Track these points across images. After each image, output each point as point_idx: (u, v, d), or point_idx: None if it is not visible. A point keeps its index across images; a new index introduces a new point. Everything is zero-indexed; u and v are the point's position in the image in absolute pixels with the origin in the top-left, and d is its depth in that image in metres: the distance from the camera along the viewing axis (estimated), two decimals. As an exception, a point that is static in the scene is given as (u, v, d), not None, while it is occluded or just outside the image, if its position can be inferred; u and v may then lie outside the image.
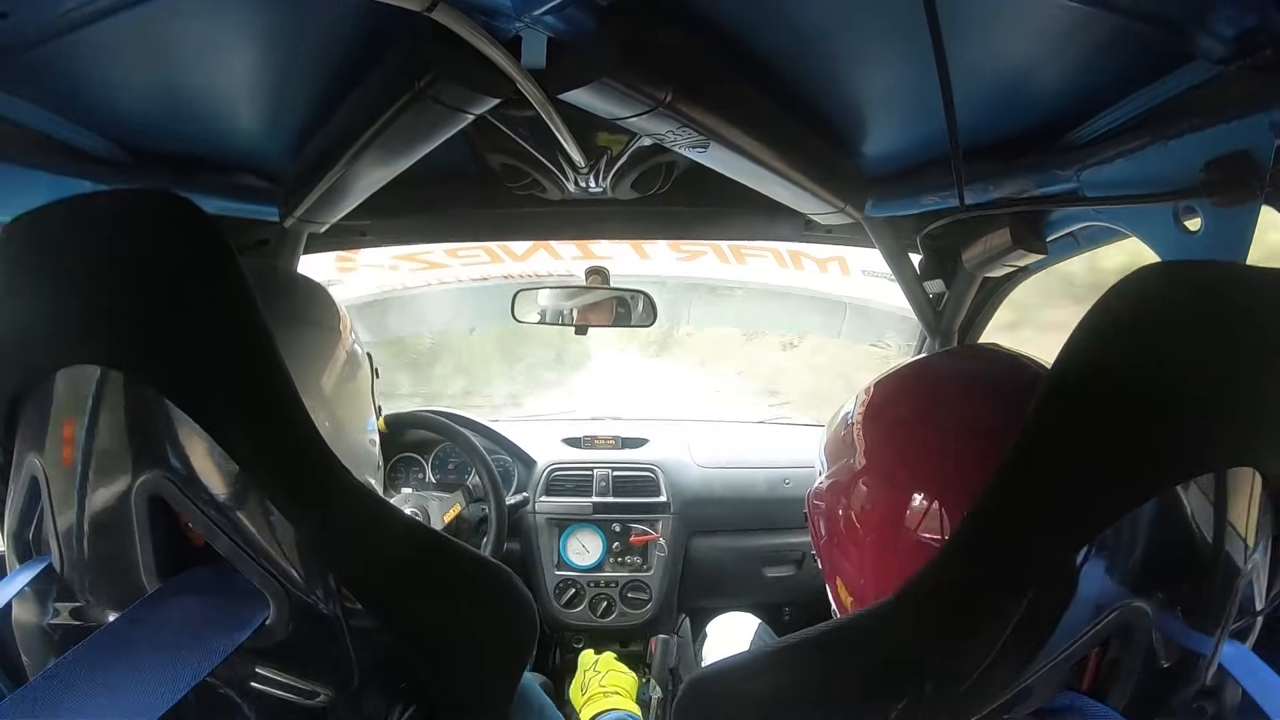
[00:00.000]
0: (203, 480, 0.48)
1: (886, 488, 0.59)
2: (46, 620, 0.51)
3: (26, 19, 0.63)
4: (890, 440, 0.62)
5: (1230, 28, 0.60)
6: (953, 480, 0.55)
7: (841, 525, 0.63)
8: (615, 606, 1.77)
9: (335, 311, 0.65)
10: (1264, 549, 0.50)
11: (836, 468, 0.65)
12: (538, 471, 1.83)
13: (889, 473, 0.60)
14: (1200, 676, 0.49)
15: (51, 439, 0.50)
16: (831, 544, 0.66)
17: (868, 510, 0.60)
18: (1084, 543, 0.45)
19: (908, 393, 0.64)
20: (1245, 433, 0.47)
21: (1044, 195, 0.92)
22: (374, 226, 1.43)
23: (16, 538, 0.53)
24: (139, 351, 0.47)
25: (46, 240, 0.50)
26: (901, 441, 0.61)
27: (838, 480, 0.64)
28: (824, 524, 0.67)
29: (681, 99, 0.76)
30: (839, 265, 1.97)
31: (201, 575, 0.50)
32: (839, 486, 0.64)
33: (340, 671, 0.53)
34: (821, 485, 0.67)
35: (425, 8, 0.59)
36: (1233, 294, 0.48)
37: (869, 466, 0.61)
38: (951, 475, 0.55)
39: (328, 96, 0.89)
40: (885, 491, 0.59)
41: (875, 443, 0.62)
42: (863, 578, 0.61)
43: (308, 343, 0.61)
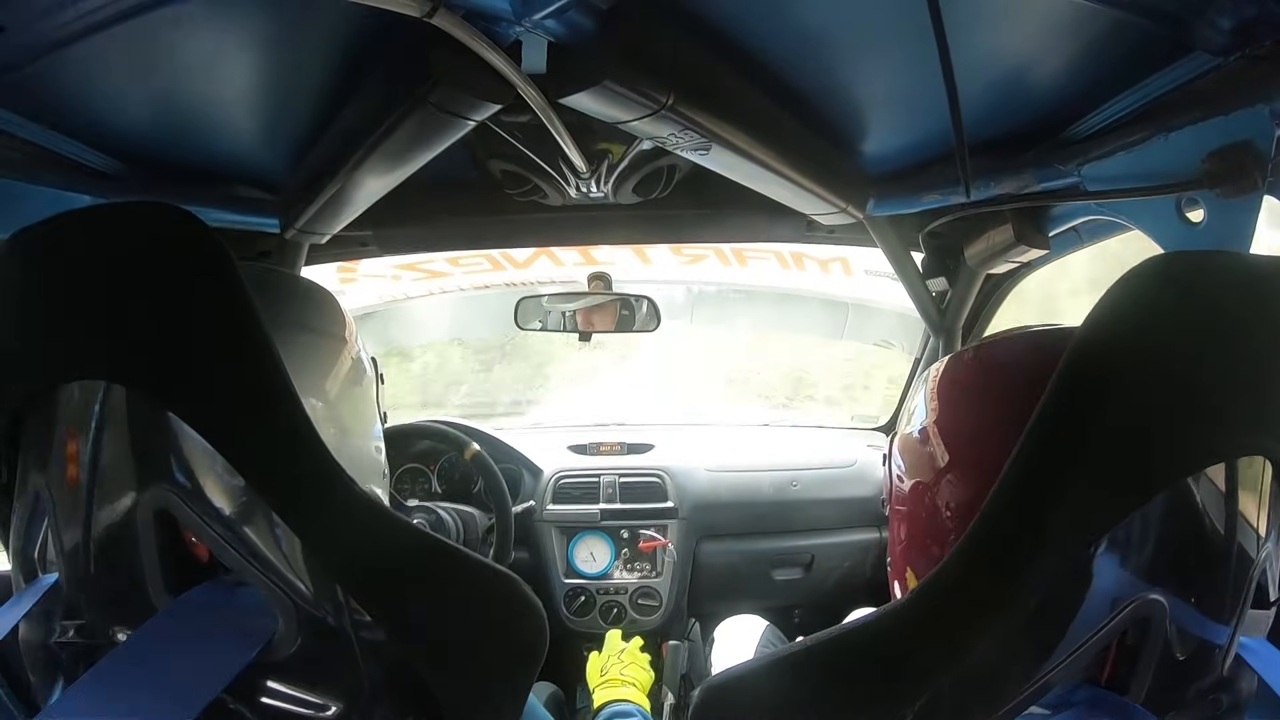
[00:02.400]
0: (208, 495, 0.48)
1: (974, 480, 0.58)
2: (53, 639, 0.50)
3: (24, 33, 0.63)
4: (973, 433, 0.60)
5: (1229, 19, 0.60)
6: None
7: (924, 525, 0.62)
8: (625, 613, 1.76)
9: (340, 318, 0.64)
10: (1276, 538, 0.50)
11: (917, 468, 0.64)
12: (544, 479, 1.83)
13: (975, 464, 0.58)
14: (1216, 667, 0.49)
15: (55, 456, 0.50)
16: (912, 546, 0.64)
17: (955, 505, 0.59)
18: (1097, 537, 0.45)
19: (980, 384, 0.62)
20: (1255, 422, 0.46)
21: (1046, 190, 0.92)
22: (375, 236, 1.43)
23: (21, 555, 0.52)
24: (142, 366, 0.47)
25: (46, 255, 0.50)
26: (984, 433, 0.59)
27: (920, 480, 0.63)
28: (904, 528, 0.65)
29: (683, 102, 0.76)
30: (841, 266, 1.97)
31: (210, 591, 0.50)
32: (922, 487, 0.62)
33: (350, 684, 0.52)
34: (903, 488, 0.66)
35: (425, 14, 0.59)
36: (1238, 283, 0.48)
37: (953, 462, 0.60)
38: None
39: (327, 106, 0.89)
40: (973, 484, 0.58)
41: (956, 437, 0.61)
42: None
43: (312, 349, 0.60)
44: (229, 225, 1.12)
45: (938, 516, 0.61)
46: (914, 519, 0.64)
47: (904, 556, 0.66)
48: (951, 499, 0.59)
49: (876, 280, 1.92)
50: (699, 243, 1.89)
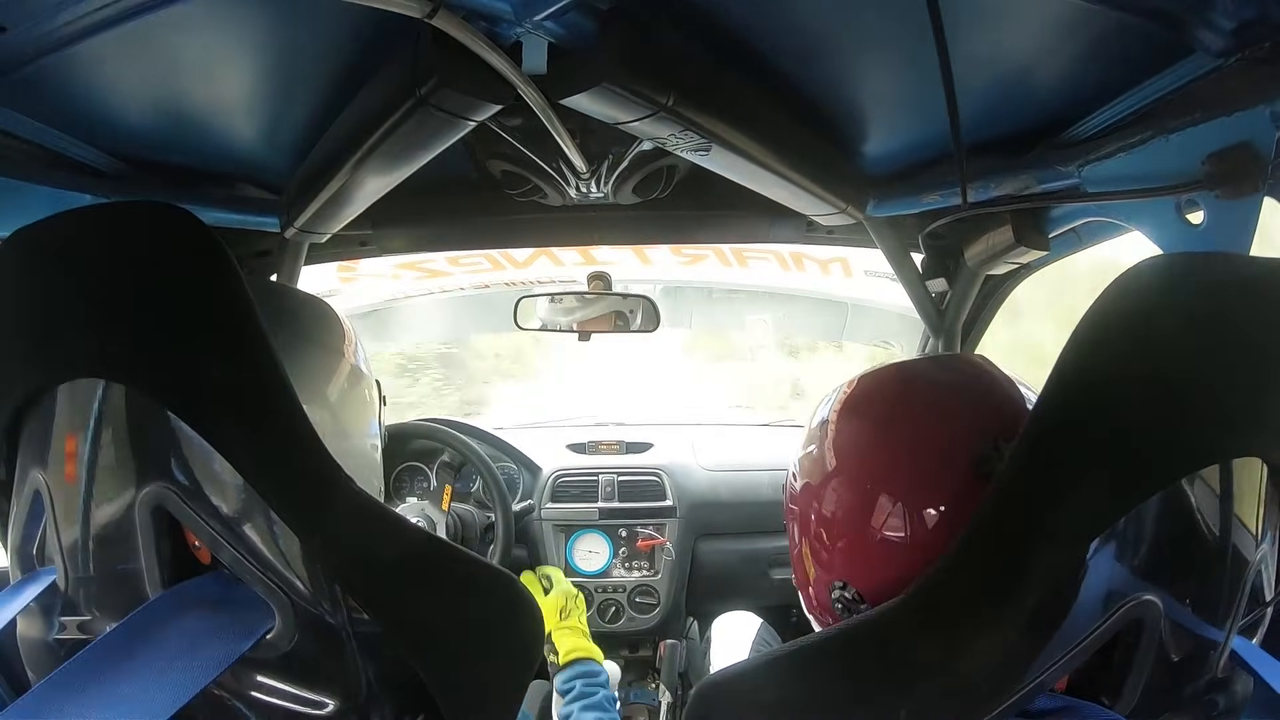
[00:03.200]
0: (206, 492, 0.48)
1: (854, 489, 0.60)
2: (52, 635, 0.51)
3: (25, 32, 0.64)
4: (858, 443, 0.62)
5: (1230, 21, 0.60)
6: (918, 485, 0.57)
7: (813, 529, 0.64)
8: (623, 611, 1.76)
9: (339, 331, 0.65)
10: (1272, 540, 0.50)
11: (810, 469, 0.66)
12: (543, 478, 1.83)
13: (856, 474, 0.61)
14: (1211, 668, 0.49)
15: (54, 454, 0.50)
16: (806, 551, 0.66)
17: (838, 512, 0.61)
18: (1092, 538, 0.45)
19: (879, 397, 0.64)
20: (1251, 423, 0.46)
21: (1046, 191, 0.92)
22: (375, 236, 1.43)
23: (20, 553, 0.53)
24: (141, 365, 0.47)
25: (46, 254, 0.50)
26: (869, 445, 0.62)
27: (810, 482, 0.65)
28: (796, 528, 0.67)
29: (683, 102, 0.76)
30: (841, 266, 1.96)
31: (204, 584, 0.50)
32: (811, 489, 0.64)
33: (347, 682, 0.52)
34: (795, 488, 0.68)
35: (426, 14, 0.59)
36: (1236, 285, 0.49)
37: (839, 468, 0.62)
38: (917, 481, 0.57)
39: (328, 106, 0.89)
40: (853, 493, 0.60)
41: (846, 445, 0.63)
42: (830, 579, 0.62)
43: (310, 362, 0.61)
44: (229, 224, 1.12)
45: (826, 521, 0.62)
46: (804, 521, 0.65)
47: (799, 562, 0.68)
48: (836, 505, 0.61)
49: (876, 281, 1.92)
50: (699, 243, 1.89)
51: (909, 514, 0.56)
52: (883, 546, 0.57)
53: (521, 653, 0.61)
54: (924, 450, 0.58)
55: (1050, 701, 0.49)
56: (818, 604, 0.65)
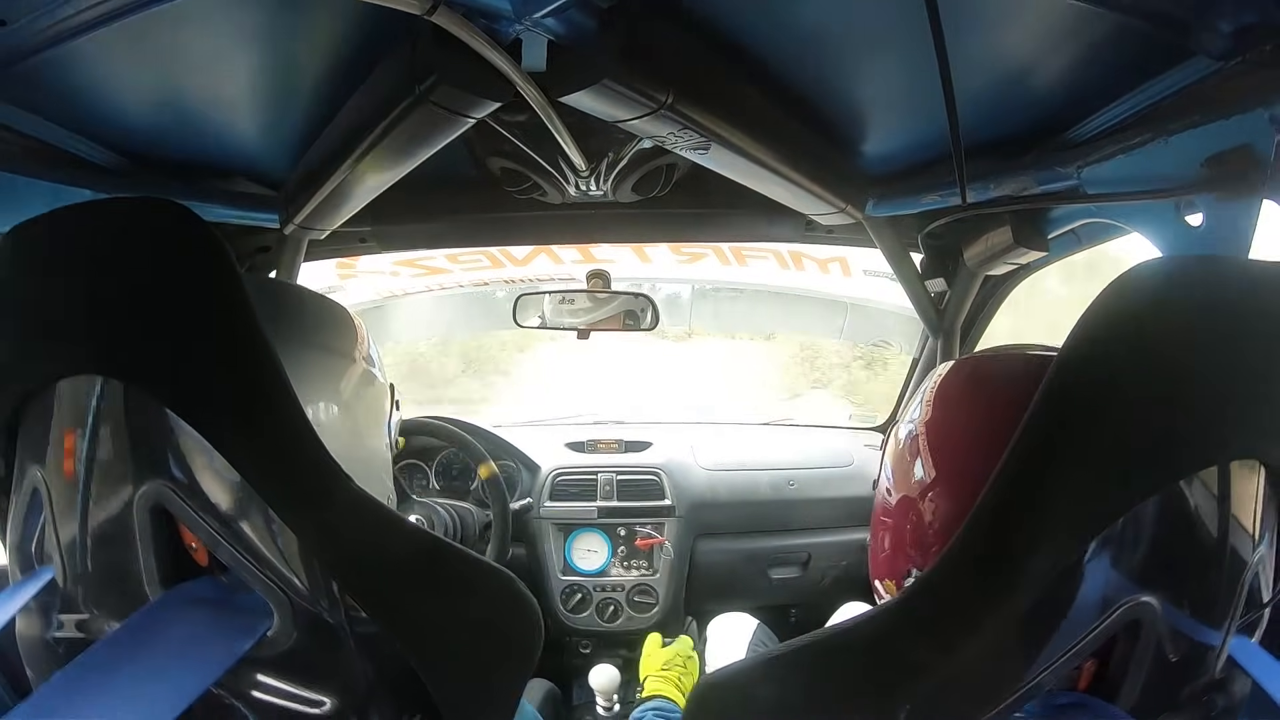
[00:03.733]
0: (205, 490, 0.48)
1: (957, 498, 0.57)
2: (50, 633, 0.50)
3: (25, 27, 0.63)
4: (958, 451, 0.59)
5: (1230, 24, 0.60)
6: None
7: (909, 540, 0.61)
8: (622, 610, 1.76)
9: (351, 335, 0.64)
10: (1270, 541, 0.50)
11: (903, 481, 0.63)
12: (542, 476, 1.83)
13: (958, 483, 0.58)
14: (1209, 669, 0.49)
15: (53, 450, 0.50)
16: (896, 558, 0.64)
17: (937, 523, 0.59)
18: (1089, 539, 0.45)
19: (971, 400, 0.61)
20: (1249, 426, 0.46)
21: (1045, 192, 0.92)
22: (374, 233, 1.43)
23: (19, 550, 0.52)
24: (138, 361, 0.47)
25: (45, 250, 0.50)
26: (969, 452, 0.58)
27: (907, 495, 0.62)
28: (889, 539, 0.65)
29: (682, 101, 0.76)
30: (840, 266, 1.97)
31: (203, 584, 0.50)
32: (908, 501, 0.62)
33: (345, 680, 0.52)
34: (889, 501, 0.65)
35: (426, 11, 0.59)
36: (1234, 287, 0.48)
37: (939, 478, 0.60)
38: None
39: (328, 102, 0.89)
40: (956, 503, 0.57)
41: (943, 454, 0.60)
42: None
43: (317, 365, 0.60)
44: (229, 220, 1.12)
45: (921, 529, 0.60)
46: (898, 531, 0.63)
47: (887, 565, 0.66)
48: (936, 513, 0.59)
49: (875, 280, 1.93)
50: (698, 242, 1.89)
51: None
52: None
53: (520, 651, 0.61)
54: None
55: (1064, 697, 0.49)
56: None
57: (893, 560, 0.65)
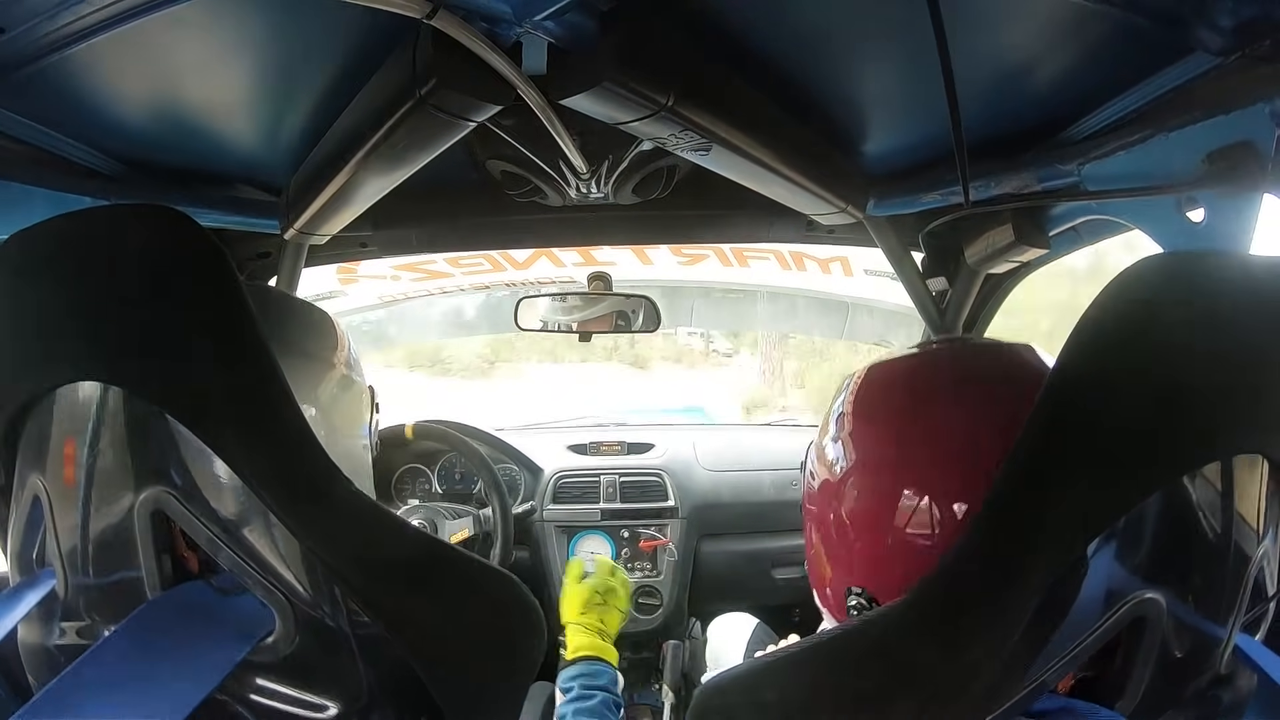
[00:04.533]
0: (205, 495, 0.48)
1: (877, 486, 0.58)
2: (52, 641, 0.51)
3: (25, 34, 0.63)
4: (881, 437, 0.59)
5: (1229, 19, 0.60)
6: (946, 479, 0.54)
7: (833, 529, 0.61)
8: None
9: (331, 339, 0.64)
10: (1274, 536, 0.50)
11: (827, 467, 0.63)
12: (544, 479, 1.83)
13: (879, 470, 0.58)
14: (1214, 665, 0.49)
15: (53, 457, 0.50)
16: (823, 551, 0.64)
17: (858, 510, 0.59)
18: (1093, 536, 0.45)
19: (900, 386, 0.62)
20: (1252, 421, 0.46)
21: (1046, 190, 0.92)
22: (375, 237, 1.43)
23: (20, 558, 0.52)
24: (138, 368, 0.47)
25: (43, 257, 0.50)
26: (893, 437, 0.59)
27: (829, 480, 0.62)
28: (815, 530, 0.64)
29: (683, 102, 0.76)
30: (841, 265, 1.97)
31: (196, 588, 0.50)
32: (830, 488, 0.62)
33: (348, 685, 0.52)
34: (812, 484, 0.65)
35: (426, 14, 0.59)
36: (1236, 283, 0.48)
37: (859, 463, 0.60)
38: (944, 474, 0.54)
39: (327, 107, 0.89)
40: (876, 491, 0.58)
41: (866, 440, 0.60)
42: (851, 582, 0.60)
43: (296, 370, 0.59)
44: (229, 226, 1.12)
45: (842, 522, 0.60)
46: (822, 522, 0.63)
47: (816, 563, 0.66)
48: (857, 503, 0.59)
49: (876, 280, 1.93)
50: (699, 243, 1.89)
51: (936, 512, 0.54)
52: (905, 548, 0.55)
53: (523, 653, 0.61)
54: (955, 443, 0.55)
55: (1050, 702, 0.49)
56: (834, 604, 0.63)
57: (814, 556, 0.65)
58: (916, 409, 0.58)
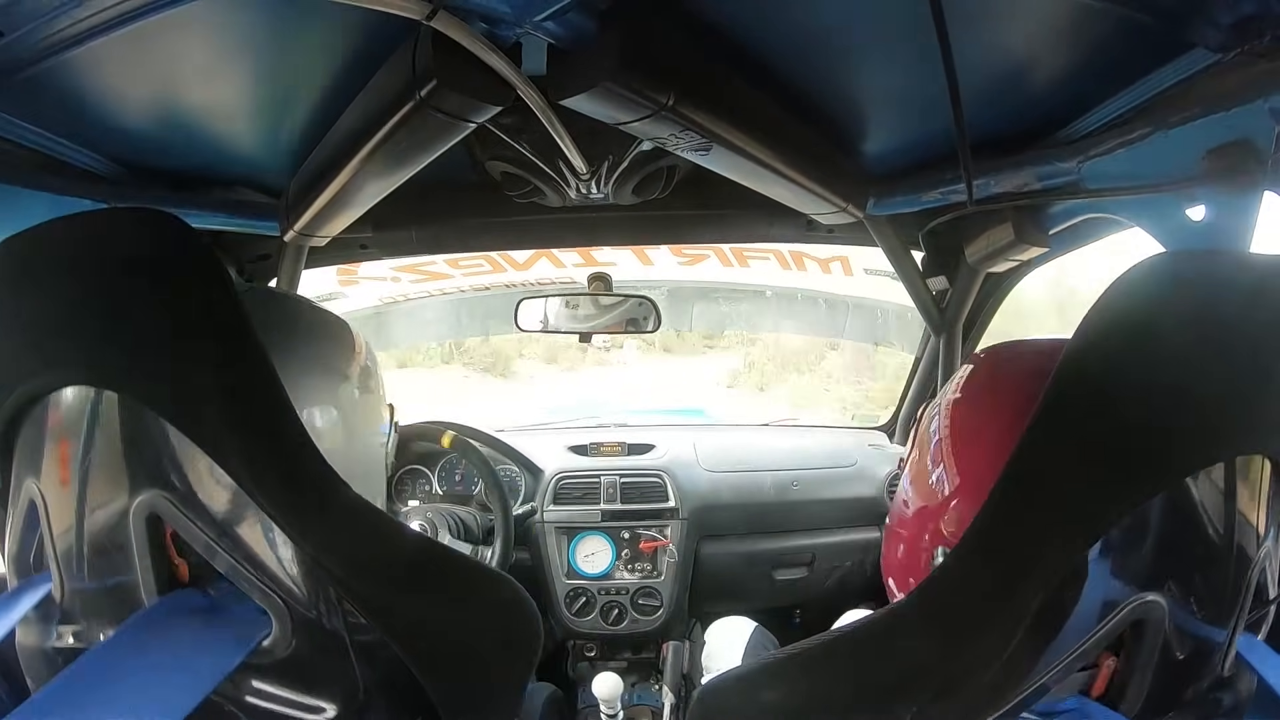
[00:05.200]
0: (201, 498, 0.48)
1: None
2: (50, 643, 0.50)
3: (23, 37, 0.63)
4: (988, 459, 0.56)
5: (1228, 16, 0.60)
6: None
7: (923, 553, 0.59)
8: (626, 613, 1.76)
9: (347, 347, 0.63)
10: (1275, 537, 0.50)
11: (924, 490, 0.61)
12: (545, 480, 1.83)
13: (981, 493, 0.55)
14: (1216, 667, 0.49)
15: (49, 461, 0.50)
16: (910, 570, 0.62)
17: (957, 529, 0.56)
18: (1095, 539, 0.45)
19: (997, 406, 0.58)
20: (1254, 421, 0.46)
21: (1046, 188, 0.92)
22: (375, 239, 1.43)
23: (17, 562, 0.52)
24: (133, 372, 0.47)
25: (38, 261, 0.50)
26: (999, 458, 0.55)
27: (927, 505, 0.60)
28: (903, 549, 0.63)
29: (683, 102, 0.76)
30: (841, 265, 1.97)
31: (192, 594, 0.50)
32: (929, 511, 0.60)
33: (345, 687, 0.52)
34: (906, 513, 0.63)
35: (425, 16, 0.59)
36: (1236, 282, 0.48)
37: (963, 487, 0.57)
38: None
39: (327, 109, 0.89)
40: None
41: (970, 462, 0.57)
42: None
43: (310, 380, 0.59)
44: (228, 228, 1.12)
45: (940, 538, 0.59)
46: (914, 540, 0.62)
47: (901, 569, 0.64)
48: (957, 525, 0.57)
49: (877, 279, 1.93)
50: (699, 243, 1.89)
51: None
52: None
53: (520, 654, 0.61)
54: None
55: (1065, 703, 0.49)
56: None
57: (907, 568, 0.63)
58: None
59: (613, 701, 1.51)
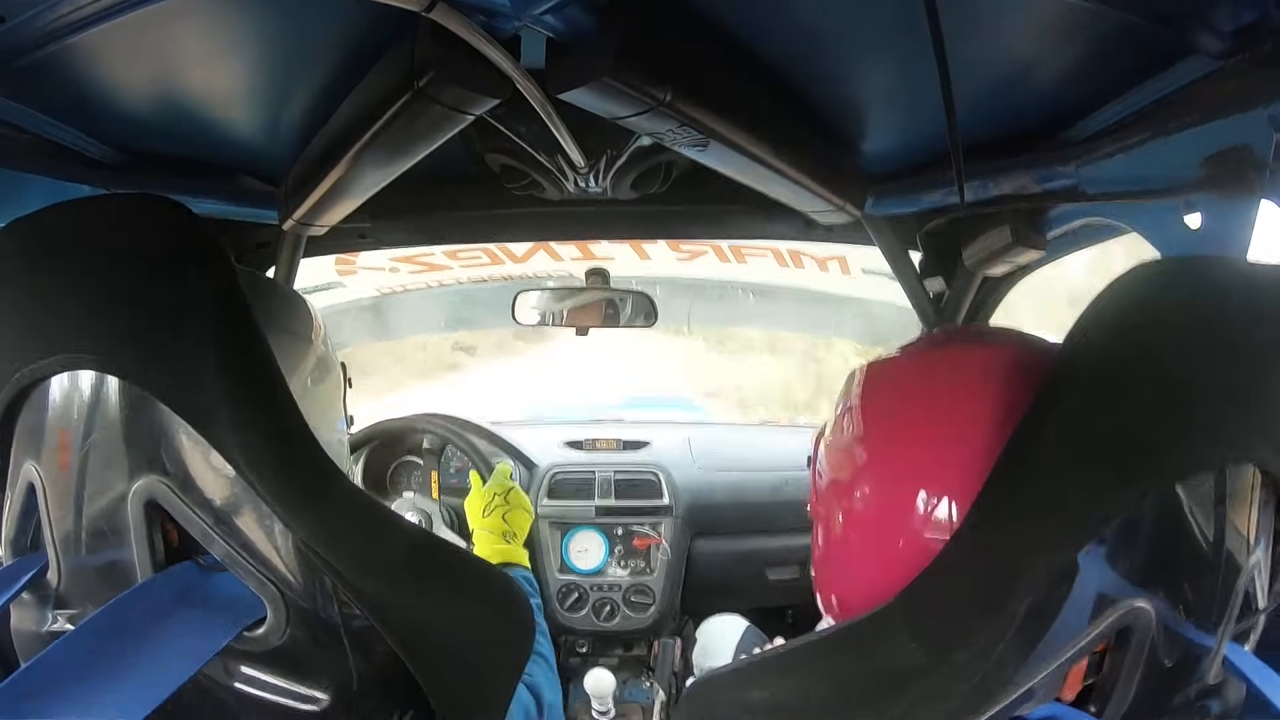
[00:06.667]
0: (199, 484, 0.48)
1: (891, 484, 0.56)
2: (45, 627, 0.51)
3: (24, 23, 0.63)
4: (894, 433, 0.57)
5: (1229, 22, 0.60)
6: (964, 474, 0.51)
7: (839, 529, 0.60)
8: (618, 610, 1.76)
9: (308, 318, 0.64)
10: (1265, 547, 0.50)
11: (835, 465, 0.61)
12: (539, 474, 1.83)
13: (893, 467, 0.56)
14: (1203, 675, 0.49)
15: (48, 445, 0.50)
16: (828, 552, 0.62)
17: (869, 510, 0.57)
18: (1084, 542, 0.45)
19: (911, 378, 0.60)
20: (1246, 429, 0.46)
21: (1044, 192, 0.92)
22: (373, 229, 1.43)
23: (13, 545, 0.52)
24: (133, 356, 0.47)
25: (40, 246, 0.50)
26: (906, 433, 0.56)
27: (838, 479, 0.60)
28: (821, 530, 0.63)
29: (681, 98, 0.76)
30: (839, 264, 1.96)
31: (185, 572, 0.50)
32: (839, 487, 0.60)
33: (339, 676, 0.53)
34: (820, 485, 0.64)
35: (424, 8, 0.59)
36: (1233, 289, 0.48)
37: (870, 462, 0.58)
38: (962, 468, 0.51)
39: (326, 98, 0.89)
40: (889, 488, 0.56)
41: (878, 436, 0.58)
42: (859, 587, 0.58)
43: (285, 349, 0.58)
44: (227, 216, 1.12)
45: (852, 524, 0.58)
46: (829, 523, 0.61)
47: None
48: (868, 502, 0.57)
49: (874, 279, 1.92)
50: (697, 239, 1.89)
51: (955, 511, 0.51)
52: (922, 551, 0.52)
53: (513, 648, 0.61)
54: (967, 434, 0.52)
55: (1037, 710, 0.49)
56: (838, 610, 0.61)
57: (825, 556, 0.63)
58: (928, 406, 0.56)
59: (604, 698, 1.52)
